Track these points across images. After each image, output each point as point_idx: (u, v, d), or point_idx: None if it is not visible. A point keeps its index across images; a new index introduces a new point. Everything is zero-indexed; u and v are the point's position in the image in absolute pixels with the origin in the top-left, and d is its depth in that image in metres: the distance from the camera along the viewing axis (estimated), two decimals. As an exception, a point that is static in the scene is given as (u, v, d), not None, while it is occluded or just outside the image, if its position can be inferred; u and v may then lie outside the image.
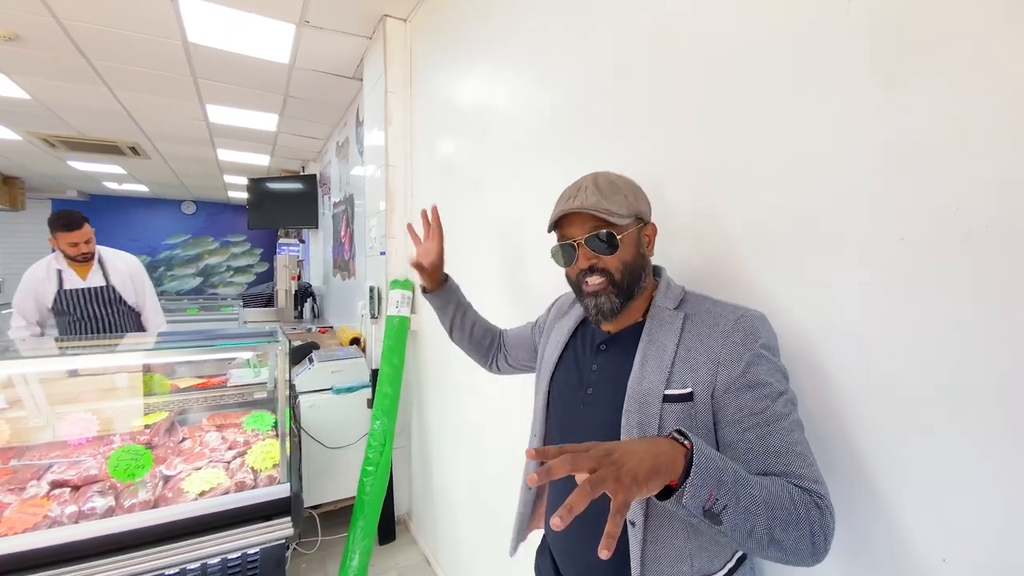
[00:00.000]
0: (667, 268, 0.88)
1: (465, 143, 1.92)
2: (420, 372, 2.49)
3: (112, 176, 6.70)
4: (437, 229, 1.21)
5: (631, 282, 0.78)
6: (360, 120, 3.29)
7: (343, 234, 4.33)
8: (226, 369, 2.46)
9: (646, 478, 0.50)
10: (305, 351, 2.88)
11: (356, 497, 2.16)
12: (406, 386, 2.50)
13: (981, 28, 0.56)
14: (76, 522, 1.41)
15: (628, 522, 0.71)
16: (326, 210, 5.20)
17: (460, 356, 1.33)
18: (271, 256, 8.82)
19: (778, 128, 0.78)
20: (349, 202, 4.00)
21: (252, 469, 1.69)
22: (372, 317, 2.62)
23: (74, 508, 1.43)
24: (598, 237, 0.76)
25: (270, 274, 8.80)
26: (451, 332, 1.27)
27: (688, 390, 0.69)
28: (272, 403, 2.12)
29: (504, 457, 1.66)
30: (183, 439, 1.87)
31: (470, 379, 1.89)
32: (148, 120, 4.12)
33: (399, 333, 2.31)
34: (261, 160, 5.65)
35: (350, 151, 3.84)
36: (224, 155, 5.36)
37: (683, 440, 0.56)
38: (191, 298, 8.16)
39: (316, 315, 5.67)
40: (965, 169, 0.57)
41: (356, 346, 2.92)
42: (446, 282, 1.24)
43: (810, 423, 0.73)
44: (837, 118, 0.70)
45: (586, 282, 0.78)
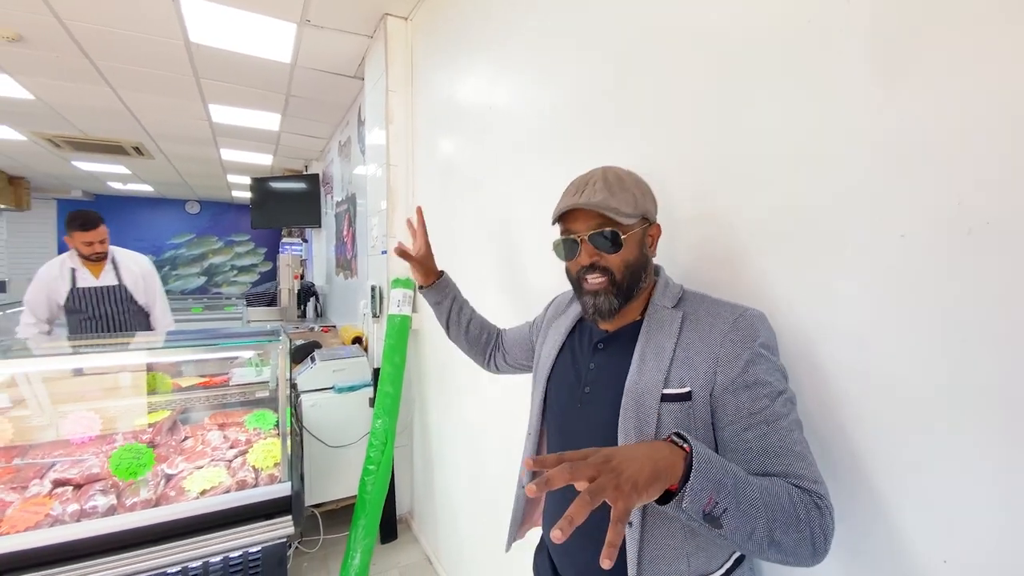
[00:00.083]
0: (666, 267, 0.88)
1: (465, 143, 1.92)
2: (421, 371, 2.49)
3: (117, 176, 6.73)
4: (421, 227, 1.25)
5: (631, 282, 0.77)
6: (362, 119, 3.29)
7: (345, 233, 4.34)
8: (228, 368, 2.48)
9: (646, 484, 0.50)
10: (307, 350, 2.89)
11: (358, 496, 2.16)
12: (407, 385, 2.51)
13: (981, 26, 0.56)
14: (78, 521, 1.42)
15: None
16: (329, 209, 5.20)
17: (461, 355, 1.33)
18: (275, 255, 8.86)
19: (778, 128, 0.78)
20: (351, 201, 4.01)
21: (253, 468, 1.70)
22: (374, 316, 2.62)
23: (76, 507, 1.44)
24: (602, 235, 0.75)
25: (274, 273, 8.80)
26: (447, 328, 1.26)
27: (686, 389, 0.69)
28: (274, 402, 2.13)
29: (505, 456, 1.66)
30: (185, 438, 1.88)
31: (471, 378, 1.89)
32: (151, 120, 4.14)
33: (400, 332, 2.31)
34: (264, 159, 5.66)
35: (352, 150, 3.84)
36: (227, 155, 5.38)
37: (682, 443, 0.56)
38: (195, 297, 8.20)
39: (319, 314, 5.67)
40: (967, 167, 0.57)
41: (358, 345, 2.92)
42: (440, 278, 1.24)
43: (810, 423, 0.72)
44: (837, 117, 0.70)
45: (586, 279, 0.78)
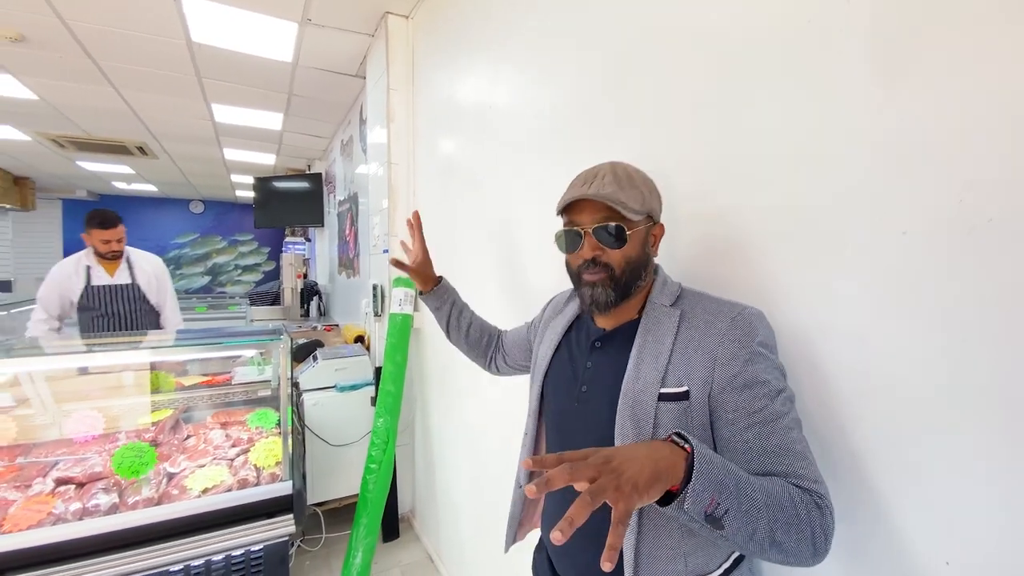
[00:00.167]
0: (665, 266, 0.88)
1: (466, 142, 1.92)
2: (423, 370, 2.49)
3: (121, 176, 6.76)
4: (418, 231, 1.25)
5: (630, 279, 0.76)
6: (363, 118, 3.29)
7: (348, 232, 4.34)
8: (231, 367, 2.49)
9: (647, 485, 0.49)
10: (309, 349, 2.89)
11: (359, 495, 2.16)
12: (409, 384, 2.51)
13: (981, 26, 0.55)
14: (80, 519, 1.42)
15: None
16: (331, 208, 5.21)
17: (462, 357, 1.34)
18: (278, 255, 8.86)
19: (778, 128, 0.77)
20: (353, 200, 4.01)
21: (255, 467, 1.70)
22: (375, 315, 2.63)
23: (78, 505, 1.45)
24: (607, 229, 0.74)
25: (277, 272, 8.82)
26: (448, 333, 1.27)
27: (684, 388, 0.68)
28: (276, 401, 2.13)
29: (506, 456, 1.66)
30: (187, 436, 1.88)
31: (472, 380, 1.88)
32: (154, 120, 4.15)
33: (402, 331, 2.31)
34: (267, 159, 5.68)
35: (354, 149, 3.84)
36: (230, 154, 5.39)
37: (683, 443, 0.56)
38: (200, 297, 8.25)
39: (322, 313, 5.69)
40: (967, 166, 0.56)
41: (360, 344, 2.92)
42: (439, 283, 1.25)
43: (810, 423, 0.72)
44: (837, 117, 0.69)
45: (586, 272, 0.77)
